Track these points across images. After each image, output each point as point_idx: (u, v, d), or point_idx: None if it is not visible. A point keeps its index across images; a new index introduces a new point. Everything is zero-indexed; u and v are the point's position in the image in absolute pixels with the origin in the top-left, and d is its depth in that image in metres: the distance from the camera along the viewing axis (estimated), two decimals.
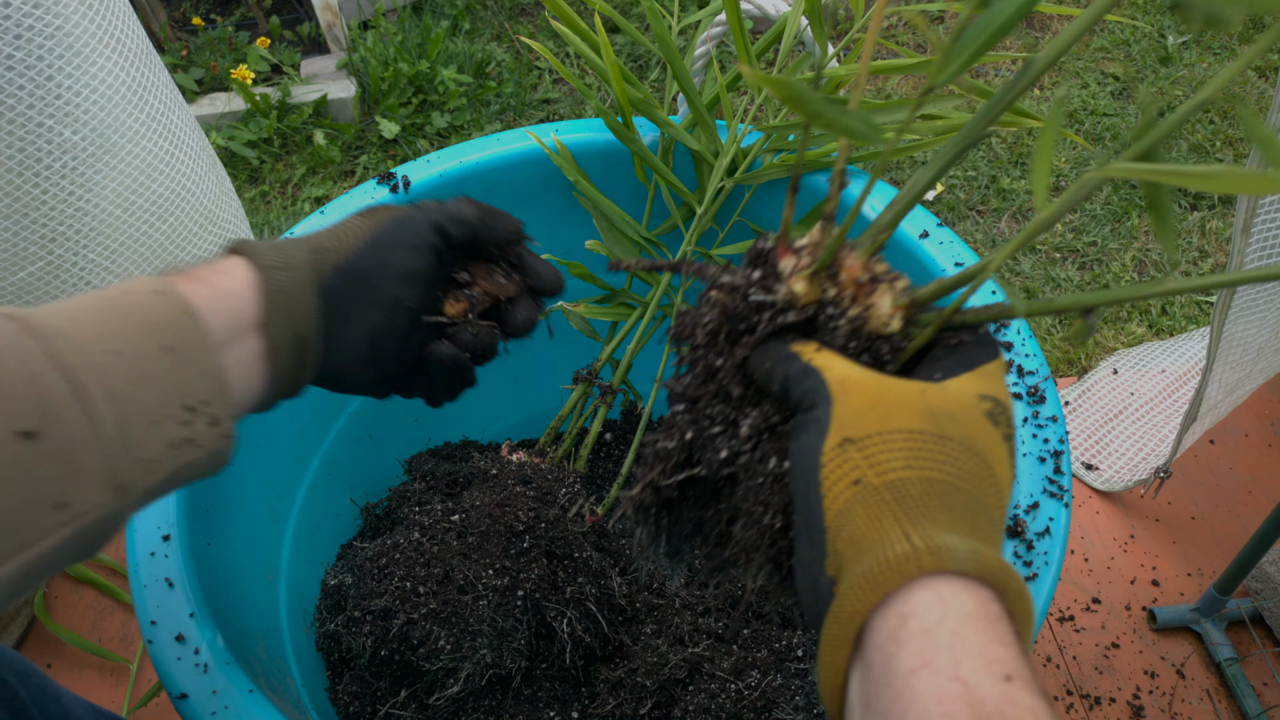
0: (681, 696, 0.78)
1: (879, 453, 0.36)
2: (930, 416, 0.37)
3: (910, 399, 0.37)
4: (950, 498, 0.35)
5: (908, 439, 0.36)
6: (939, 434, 0.36)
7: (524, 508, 0.83)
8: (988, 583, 0.33)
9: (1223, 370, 0.95)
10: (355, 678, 0.80)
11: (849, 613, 0.33)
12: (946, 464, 0.36)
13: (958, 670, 0.30)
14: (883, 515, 0.34)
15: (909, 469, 0.35)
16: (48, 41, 0.79)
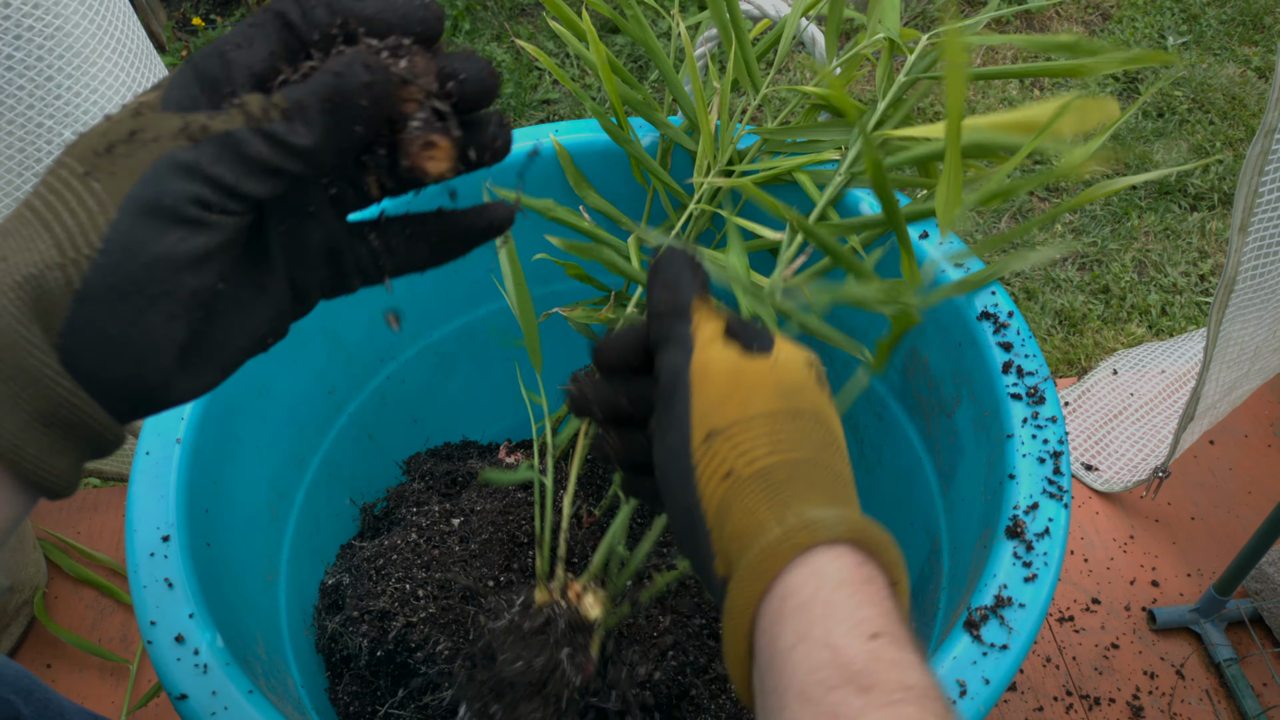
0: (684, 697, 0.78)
1: (744, 441, 0.36)
2: (783, 393, 0.38)
3: (763, 379, 0.38)
4: (812, 474, 0.36)
5: (768, 422, 0.37)
6: (793, 410, 0.38)
7: (527, 516, 0.83)
8: (858, 543, 0.34)
9: (1220, 370, 0.95)
10: (355, 678, 0.80)
11: (740, 607, 0.34)
12: (803, 441, 0.37)
13: (829, 637, 0.32)
14: (757, 505, 0.35)
15: (774, 454, 0.36)
16: (47, 42, 0.79)
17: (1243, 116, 1.88)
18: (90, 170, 0.31)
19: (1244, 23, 2.09)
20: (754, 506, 0.35)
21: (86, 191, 0.31)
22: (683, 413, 0.37)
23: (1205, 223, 1.69)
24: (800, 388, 0.39)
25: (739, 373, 0.38)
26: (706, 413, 0.37)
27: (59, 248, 0.31)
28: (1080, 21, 2.13)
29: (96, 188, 0.31)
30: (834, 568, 0.33)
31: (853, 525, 0.34)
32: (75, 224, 0.31)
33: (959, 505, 0.74)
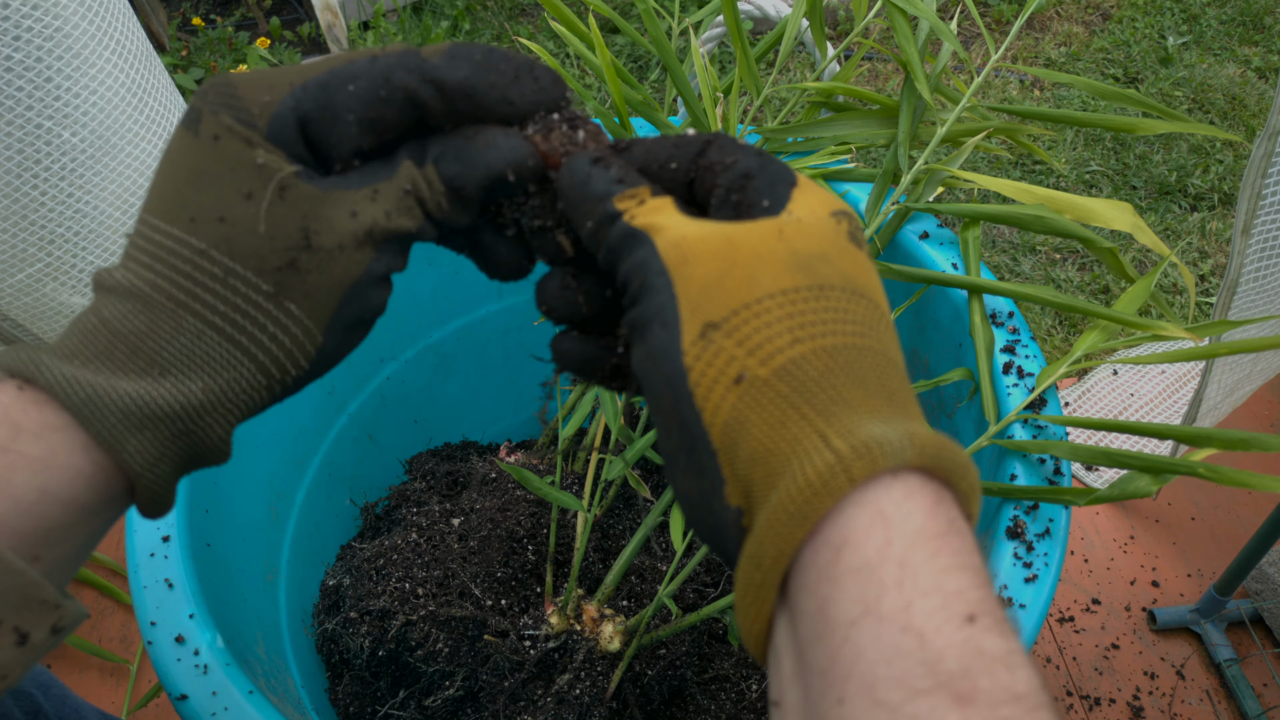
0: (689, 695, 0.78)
1: (754, 331, 0.28)
2: (801, 264, 0.29)
3: (769, 247, 0.29)
4: (858, 363, 0.28)
5: (785, 303, 0.28)
6: (818, 285, 0.29)
7: (525, 513, 0.83)
8: (930, 471, 0.26)
9: (1222, 372, 0.95)
10: (355, 678, 0.80)
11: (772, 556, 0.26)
12: (839, 321, 0.28)
13: (910, 616, 0.24)
14: (785, 416, 0.27)
15: (798, 342, 0.28)
16: (46, 43, 0.79)
17: (1243, 116, 1.88)
18: (279, 290, 0.31)
19: (1244, 23, 2.09)
20: (781, 418, 0.27)
21: (284, 315, 0.31)
22: (664, 305, 0.29)
23: (1205, 223, 1.69)
24: (824, 254, 0.29)
25: (732, 245, 0.29)
26: (698, 301, 0.28)
27: (265, 374, 0.32)
28: (1080, 21, 2.13)
29: (294, 311, 0.31)
30: (906, 510, 0.25)
31: (924, 446, 0.26)
32: (282, 352, 0.31)
33: None
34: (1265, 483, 0.53)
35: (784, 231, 0.30)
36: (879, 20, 0.77)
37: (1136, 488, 0.59)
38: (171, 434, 0.31)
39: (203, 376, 0.31)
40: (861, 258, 0.31)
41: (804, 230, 0.30)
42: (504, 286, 0.96)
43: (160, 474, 0.31)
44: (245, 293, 0.30)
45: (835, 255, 0.30)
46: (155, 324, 0.30)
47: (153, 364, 0.30)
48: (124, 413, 0.30)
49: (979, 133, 0.74)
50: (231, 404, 0.31)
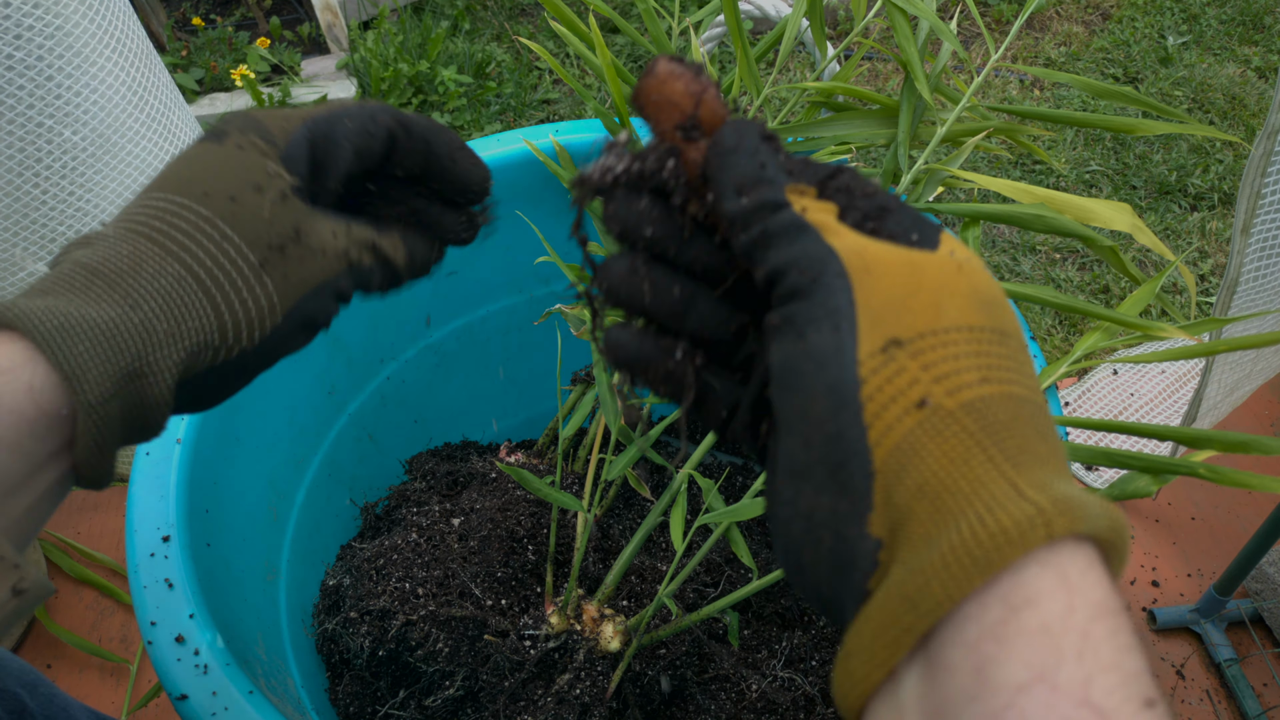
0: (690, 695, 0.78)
1: (942, 360, 0.26)
2: (983, 305, 0.27)
3: (953, 281, 0.27)
4: (1039, 418, 0.26)
5: (972, 340, 0.26)
6: (1000, 330, 0.27)
7: (525, 512, 0.83)
8: (1106, 543, 0.25)
9: (1222, 371, 0.95)
10: (355, 679, 0.80)
11: (937, 599, 0.24)
12: (1017, 371, 0.27)
13: (1088, 691, 0.22)
14: (970, 454, 0.25)
15: (987, 383, 0.26)
16: (47, 42, 0.79)
17: (1243, 116, 1.88)
18: (264, 263, 0.36)
19: (1244, 23, 2.09)
20: (965, 455, 0.25)
21: (260, 286, 0.36)
22: (839, 307, 0.27)
23: (1205, 223, 1.69)
24: (999, 300, 0.28)
25: (917, 268, 0.27)
26: (880, 314, 0.26)
27: (223, 333, 0.35)
28: (1080, 21, 2.13)
29: (269, 286, 0.36)
30: (1091, 581, 0.24)
31: (1115, 517, 0.25)
32: (245, 318, 0.35)
33: None
34: (1265, 483, 0.53)
35: (963, 268, 0.28)
36: (879, 20, 0.77)
37: (1136, 488, 0.59)
38: (128, 365, 0.33)
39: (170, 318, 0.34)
40: (1014, 312, 0.30)
41: (976, 271, 0.28)
42: (504, 287, 0.96)
43: (106, 417, 0.33)
44: (234, 257, 0.35)
45: (1003, 304, 0.28)
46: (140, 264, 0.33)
47: (127, 297, 0.33)
48: (91, 333, 0.32)
49: (979, 133, 0.74)
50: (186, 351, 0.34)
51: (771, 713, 0.77)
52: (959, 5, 1.80)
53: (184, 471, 0.66)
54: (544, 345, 1.01)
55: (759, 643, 0.82)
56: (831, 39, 1.98)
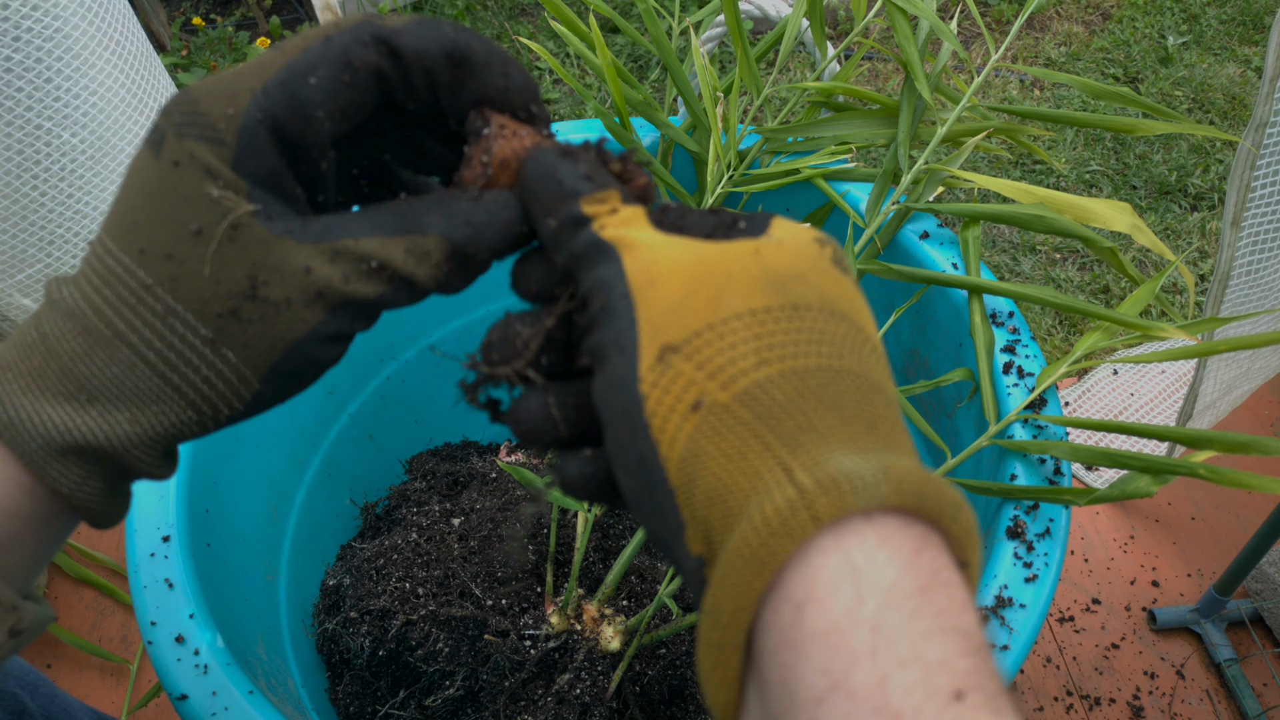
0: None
1: (716, 353, 0.25)
2: (774, 284, 0.26)
3: (743, 265, 0.26)
4: (833, 387, 0.25)
5: (753, 323, 0.25)
6: (794, 305, 0.26)
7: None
8: (913, 512, 0.23)
9: (1218, 368, 0.95)
10: (355, 679, 0.80)
11: (729, 611, 0.23)
12: (814, 341, 0.25)
13: (886, 694, 0.20)
14: (747, 446, 0.24)
15: (764, 365, 0.25)
16: (46, 44, 0.79)
17: (1243, 116, 1.88)
18: (218, 336, 0.29)
19: (1244, 23, 2.09)
20: (741, 448, 0.24)
21: (220, 361, 0.29)
22: (623, 330, 0.26)
23: (1205, 223, 1.69)
24: (802, 274, 0.27)
25: (703, 264, 0.27)
26: (659, 323, 0.26)
27: (198, 413, 0.30)
28: (1080, 21, 2.13)
29: (231, 359, 0.29)
30: (881, 560, 0.22)
31: (903, 480, 0.22)
32: (215, 394, 0.30)
33: None
34: (1265, 484, 0.53)
35: (761, 250, 0.27)
36: (879, 20, 0.77)
37: (1136, 488, 0.59)
38: (95, 460, 0.30)
39: (131, 408, 0.29)
40: (846, 282, 0.28)
41: (783, 250, 0.27)
42: (504, 286, 0.96)
43: (91, 492, 0.31)
44: (183, 334, 0.29)
45: (815, 276, 0.27)
46: (91, 349, 0.29)
47: (81, 389, 0.29)
48: (45, 439, 0.29)
49: (979, 133, 0.74)
50: (158, 437, 0.30)
51: None
52: (959, 5, 1.81)
53: (184, 471, 0.66)
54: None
55: None
56: (831, 39, 1.98)
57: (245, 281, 0.28)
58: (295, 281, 0.28)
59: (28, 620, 0.31)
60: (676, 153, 0.85)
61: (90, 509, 0.31)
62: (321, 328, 0.29)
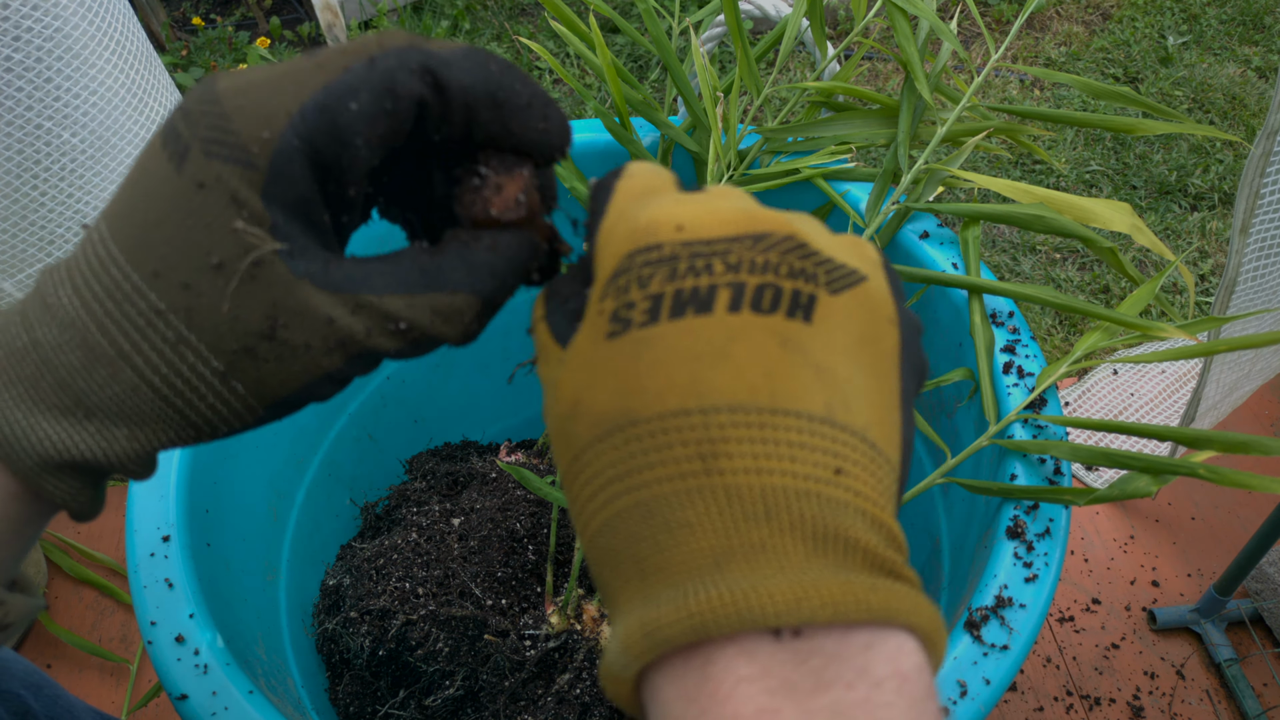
0: None
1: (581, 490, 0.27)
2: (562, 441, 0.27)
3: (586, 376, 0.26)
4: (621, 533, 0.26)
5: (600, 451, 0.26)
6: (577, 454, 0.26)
7: (525, 512, 0.83)
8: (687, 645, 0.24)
9: (1221, 370, 0.95)
10: (355, 679, 0.80)
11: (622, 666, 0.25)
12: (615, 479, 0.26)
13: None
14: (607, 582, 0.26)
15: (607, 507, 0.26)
16: (46, 44, 0.79)
17: (1243, 116, 1.88)
18: (229, 370, 0.28)
19: (1244, 23, 2.09)
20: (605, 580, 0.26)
21: (229, 393, 0.29)
22: None
23: (1205, 222, 1.69)
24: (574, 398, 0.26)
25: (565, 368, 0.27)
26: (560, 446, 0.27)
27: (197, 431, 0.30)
28: (1080, 21, 2.13)
29: (240, 390, 0.29)
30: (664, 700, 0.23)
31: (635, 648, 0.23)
32: (217, 418, 0.29)
33: (959, 506, 0.74)
34: (1265, 484, 0.53)
35: (556, 386, 0.28)
36: (879, 20, 0.77)
37: (1136, 488, 0.59)
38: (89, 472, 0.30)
39: (129, 426, 0.29)
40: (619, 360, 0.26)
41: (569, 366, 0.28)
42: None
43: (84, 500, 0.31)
44: (194, 364, 0.28)
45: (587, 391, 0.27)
46: (91, 365, 0.28)
47: (79, 404, 0.28)
48: (41, 456, 0.29)
49: (979, 132, 0.74)
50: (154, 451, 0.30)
51: None
52: (959, 5, 1.80)
53: (184, 471, 0.66)
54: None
55: None
56: (831, 39, 1.98)
57: (265, 322, 0.28)
58: (317, 330, 0.28)
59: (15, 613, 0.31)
60: (676, 153, 0.85)
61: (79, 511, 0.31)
62: (335, 373, 0.29)
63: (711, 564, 0.23)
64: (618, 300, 0.26)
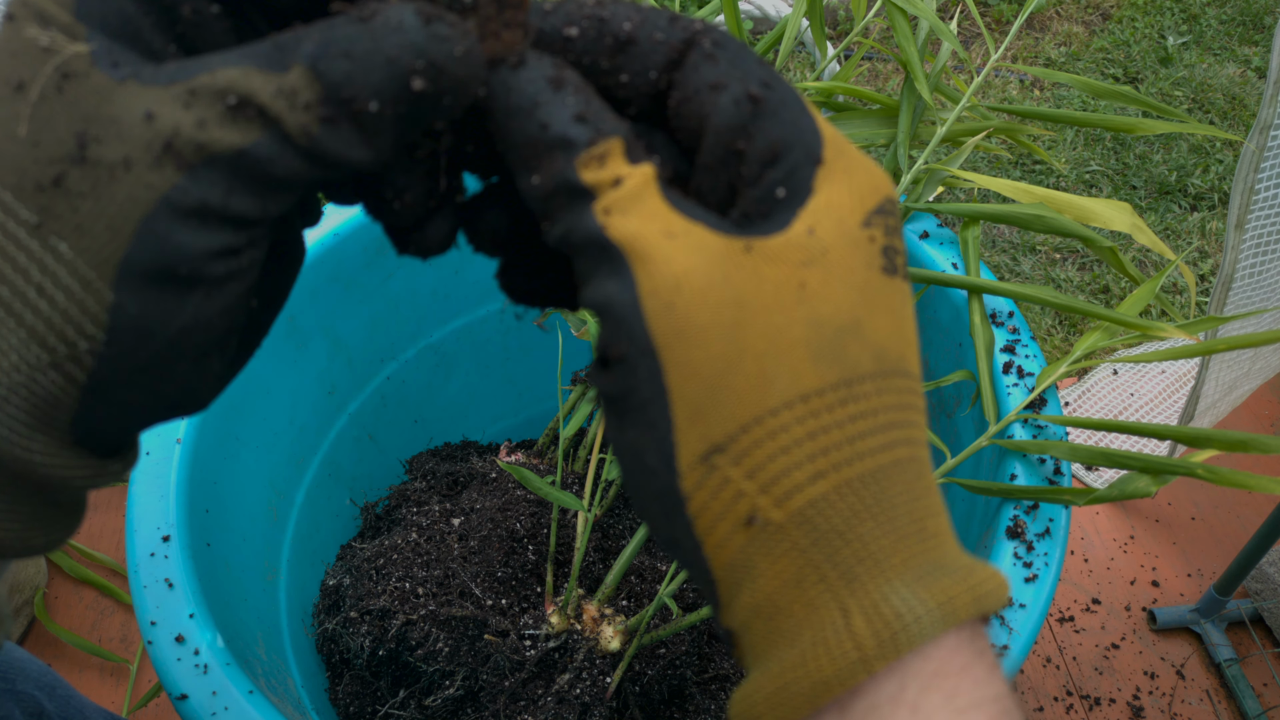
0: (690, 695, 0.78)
1: (768, 460, 0.22)
2: (825, 347, 0.23)
3: (787, 318, 0.22)
4: (888, 494, 0.23)
5: (806, 414, 0.22)
6: (847, 379, 0.23)
7: (525, 512, 0.83)
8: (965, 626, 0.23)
9: (1219, 369, 0.95)
10: (355, 679, 0.80)
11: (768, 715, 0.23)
12: (869, 432, 0.23)
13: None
14: (804, 575, 0.23)
15: (820, 479, 0.22)
16: None
17: (1243, 116, 1.88)
18: (44, 219, 0.21)
19: (1244, 23, 2.09)
20: (798, 576, 0.23)
21: (53, 258, 0.21)
22: (648, 401, 0.23)
23: (1205, 223, 1.69)
24: (854, 322, 0.23)
25: (740, 307, 0.22)
26: (699, 406, 0.22)
27: (43, 345, 0.22)
28: (1080, 21, 2.13)
29: (65, 251, 0.21)
30: (935, 702, 0.22)
31: (958, 611, 0.23)
32: (55, 311, 0.22)
33: (959, 506, 0.74)
34: (1264, 484, 0.53)
35: (805, 288, 0.22)
36: (879, 20, 0.77)
37: (1136, 488, 0.59)
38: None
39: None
40: (896, 298, 0.24)
41: (830, 274, 0.23)
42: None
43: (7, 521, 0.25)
44: (4, 222, 0.21)
45: (867, 315, 0.23)
46: None
47: None
48: None
49: (979, 132, 0.74)
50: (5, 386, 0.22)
51: None
52: (959, 5, 1.81)
53: (184, 471, 0.66)
54: (544, 345, 1.01)
55: None
56: (831, 39, 1.98)
57: (73, 140, 0.21)
58: (135, 134, 0.21)
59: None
60: None
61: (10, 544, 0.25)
62: (177, 196, 0.21)
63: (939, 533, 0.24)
64: (888, 238, 0.24)
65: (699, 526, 0.23)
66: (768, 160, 0.23)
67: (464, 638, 0.74)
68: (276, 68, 0.21)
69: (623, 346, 0.22)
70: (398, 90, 0.21)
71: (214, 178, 0.21)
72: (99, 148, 0.21)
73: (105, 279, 0.21)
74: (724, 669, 0.80)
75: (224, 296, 0.23)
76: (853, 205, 0.23)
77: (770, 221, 0.23)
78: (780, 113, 0.23)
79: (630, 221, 0.22)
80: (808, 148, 0.23)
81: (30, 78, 0.21)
